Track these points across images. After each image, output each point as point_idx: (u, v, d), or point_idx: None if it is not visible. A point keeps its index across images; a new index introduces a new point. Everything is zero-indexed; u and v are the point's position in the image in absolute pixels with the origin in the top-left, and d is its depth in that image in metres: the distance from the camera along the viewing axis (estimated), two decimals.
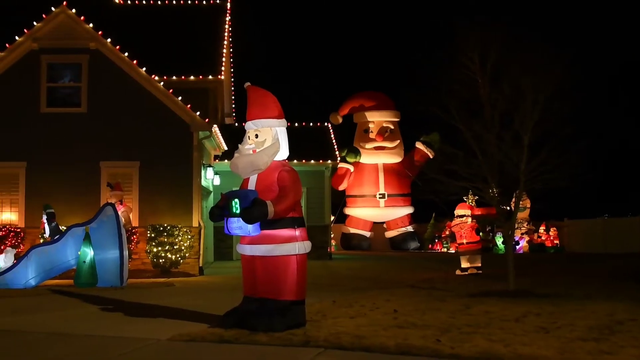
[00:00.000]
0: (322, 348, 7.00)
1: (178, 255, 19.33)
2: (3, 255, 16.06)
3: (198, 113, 20.30)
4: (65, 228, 16.49)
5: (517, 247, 34.41)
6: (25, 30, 20.66)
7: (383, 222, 37.53)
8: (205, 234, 21.35)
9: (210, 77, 24.22)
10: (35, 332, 8.39)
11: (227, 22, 27.37)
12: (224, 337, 7.51)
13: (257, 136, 8.21)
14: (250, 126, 8.29)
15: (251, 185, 8.14)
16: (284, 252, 7.93)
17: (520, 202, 14.15)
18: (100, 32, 20.62)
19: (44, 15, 20.71)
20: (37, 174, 20.46)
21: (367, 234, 37.75)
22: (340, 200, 36.45)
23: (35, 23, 20.66)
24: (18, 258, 15.92)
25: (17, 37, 20.64)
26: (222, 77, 24.86)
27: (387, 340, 7.19)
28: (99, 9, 24.71)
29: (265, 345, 7.21)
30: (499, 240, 34.28)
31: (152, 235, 19.29)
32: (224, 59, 25.46)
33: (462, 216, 18.62)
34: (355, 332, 7.69)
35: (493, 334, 7.62)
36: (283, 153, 8.26)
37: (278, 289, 7.96)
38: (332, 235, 30.56)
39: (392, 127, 37.47)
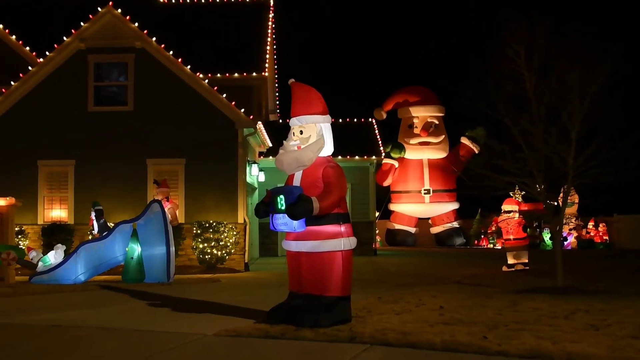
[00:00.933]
0: (367, 344, 6.98)
1: (224, 252, 19.48)
2: (53, 251, 16.34)
3: (242, 110, 20.42)
4: (113, 225, 16.72)
5: (565, 243, 33.88)
6: (72, 31, 21.01)
7: (428, 218, 37.40)
8: (250, 230, 21.47)
9: (254, 74, 24.33)
10: (86, 326, 8.53)
11: (270, 19, 27.46)
12: (270, 333, 7.54)
13: (301, 132, 8.21)
14: (294, 122, 8.30)
15: (296, 182, 8.15)
16: (330, 248, 7.93)
17: (568, 198, 13.91)
18: (145, 31, 20.87)
19: (90, 16, 21.03)
20: (85, 172, 20.82)
21: (412, 230, 37.74)
22: (384, 196, 36.45)
23: (82, 23, 20.99)
24: (68, 254, 16.19)
25: (64, 38, 21.01)
26: (266, 74, 24.95)
27: (433, 336, 7.14)
28: (144, 8, 24.98)
29: (311, 341, 7.22)
30: (547, 236, 33.79)
31: (198, 231, 19.48)
32: (267, 56, 25.55)
33: (509, 212, 18.39)
34: (401, 329, 7.65)
35: (541, 331, 7.52)
36: (328, 149, 8.25)
37: (324, 285, 7.96)
38: (376, 232, 30.47)
39: (436, 122, 37.37)
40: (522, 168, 13.28)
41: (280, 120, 31.23)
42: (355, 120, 30.14)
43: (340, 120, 28.89)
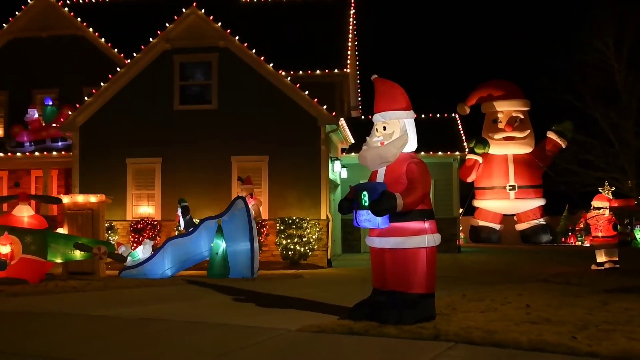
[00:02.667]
0: (452, 342, 6.88)
1: (307, 248, 19.59)
2: (141, 246, 16.79)
3: (325, 107, 20.48)
4: (198, 221, 17.04)
5: None
6: (158, 32, 21.53)
7: (513, 215, 36.68)
8: (333, 227, 21.54)
9: (336, 70, 24.39)
10: (173, 320, 8.72)
11: (351, 15, 27.46)
12: (354, 329, 7.53)
13: (385, 128, 8.16)
14: (378, 118, 8.25)
15: (380, 178, 8.11)
16: (414, 245, 7.86)
17: None
18: (228, 31, 21.18)
19: (175, 17, 21.49)
20: (171, 169, 21.32)
21: (497, 226, 37.10)
22: (468, 192, 35.97)
23: (167, 24, 21.48)
24: (155, 249, 16.61)
25: (151, 39, 21.54)
26: (348, 71, 24.97)
27: (519, 335, 6.98)
28: (226, 7, 25.36)
29: (394, 338, 7.17)
30: (638, 234, 32.64)
31: (282, 227, 19.65)
32: (349, 52, 25.56)
33: (599, 208, 17.79)
34: (486, 327, 7.52)
35: (634, 332, 7.24)
36: (411, 145, 8.17)
37: (408, 282, 7.90)
38: (460, 228, 30.09)
39: (521, 116, 36.64)
40: (613, 163, 12.88)
41: (363, 117, 31.19)
42: (438, 115, 29.83)
43: (423, 115, 28.64)
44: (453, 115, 30.43)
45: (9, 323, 9.01)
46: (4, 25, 26.52)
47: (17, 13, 26.43)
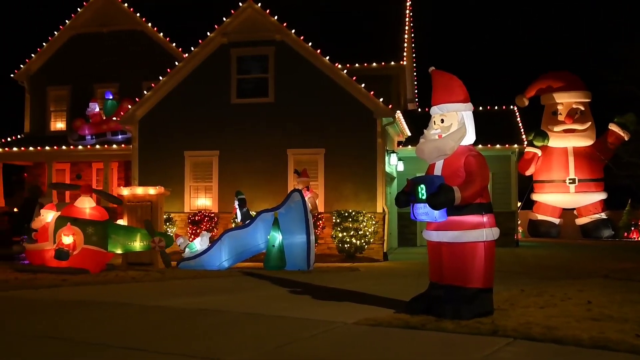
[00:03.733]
0: (510, 338, 6.79)
1: (363, 241, 19.55)
2: (199, 238, 17.00)
3: (381, 99, 20.37)
4: (255, 213, 17.16)
5: None
6: (215, 26, 21.71)
7: (573, 209, 35.91)
8: (389, 220, 21.44)
9: (392, 63, 24.23)
10: (231, 311, 8.82)
11: (407, 7, 27.24)
12: (410, 323, 7.49)
13: (442, 121, 8.09)
14: (435, 111, 8.18)
15: (437, 171, 8.04)
16: (472, 239, 7.77)
17: None
18: (284, 24, 21.23)
19: (232, 11, 21.64)
20: (228, 162, 21.50)
21: (556, 220, 36.39)
22: (527, 186, 35.34)
23: (224, 19, 21.64)
24: (212, 241, 16.79)
25: (208, 33, 21.74)
26: (404, 63, 24.79)
27: (580, 332, 6.84)
28: (282, 0, 25.41)
29: (451, 332, 7.12)
30: None
31: (338, 220, 19.64)
32: (405, 44, 25.37)
33: None
34: (545, 323, 7.39)
35: None
36: (469, 138, 8.08)
37: (465, 276, 7.82)
38: (518, 222, 29.62)
39: (582, 108, 35.81)
40: None
41: (419, 109, 30.96)
42: (496, 107, 29.41)
43: (481, 108, 28.26)
44: (512, 107, 29.96)
45: (73, 312, 9.24)
46: (67, 21, 27.15)
47: (78, 9, 27.02)
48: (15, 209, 25.50)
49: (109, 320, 8.47)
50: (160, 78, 21.99)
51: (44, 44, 27.45)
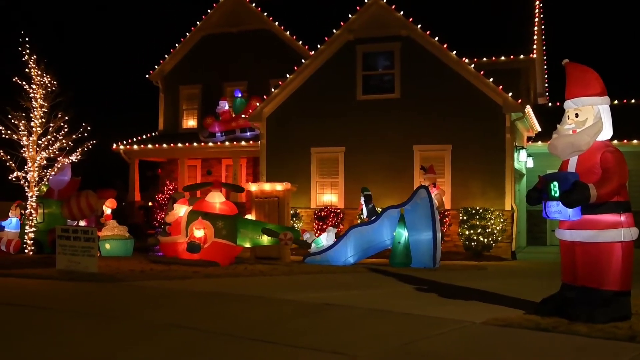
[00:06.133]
0: None
1: (490, 239, 19.15)
2: (325, 233, 17.16)
3: (510, 94, 19.85)
4: (380, 209, 17.14)
5: None
6: (341, 23, 21.83)
7: None
8: (517, 218, 20.89)
9: (521, 56, 23.54)
10: (357, 307, 8.84)
11: None
12: (541, 325, 7.24)
13: (577, 115, 7.76)
14: (569, 105, 7.86)
15: (571, 168, 7.73)
16: (608, 239, 7.42)
17: None
18: (410, 19, 21.06)
19: (357, 7, 21.69)
20: (354, 158, 21.59)
21: None
22: None
23: (349, 15, 21.72)
24: (338, 237, 16.91)
25: (334, 30, 21.89)
26: (534, 56, 24.01)
27: None
28: None
29: (584, 336, 6.83)
30: None
31: (464, 218, 19.33)
32: (535, 36, 24.58)
33: None
34: None
35: None
36: (606, 133, 7.71)
37: (600, 278, 7.48)
38: None
39: None
40: None
41: (550, 104, 29.93)
42: (633, 101, 28.01)
43: (617, 101, 26.99)
44: None
45: (204, 302, 9.56)
46: (197, 23, 28.11)
47: (209, 11, 27.91)
48: (150, 203, 26.72)
49: (237, 312, 8.70)
50: (288, 76, 22.36)
51: (177, 45, 28.56)
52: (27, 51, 17.02)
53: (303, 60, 22.74)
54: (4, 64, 18.35)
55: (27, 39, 17.10)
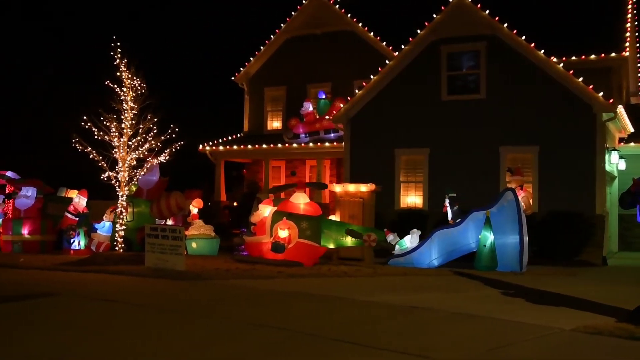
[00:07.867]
0: None
1: (579, 244, 18.58)
2: (409, 235, 17.04)
3: (601, 94, 19.23)
4: (466, 212, 16.90)
5: None
6: (425, 23, 21.63)
7: None
8: (608, 222, 20.21)
9: (613, 54, 22.78)
10: (442, 310, 8.77)
11: None
12: (635, 334, 7.01)
13: None
14: None
15: None
16: None
17: None
18: (496, 18, 20.68)
19: (442, 7, 21.44)
20: (438, 160, 21.34)
21: None
22: None
23: (434, 15, 21.50)
24: (422, 239, 16.78)
25: (418, 31, 21.71)
26: (627, 54, 23.21)
27: None
28: None
29: None
30: None
31: (553, 221, 18.81)
32: (628, 34, 23.77)
33: None
34: None
35: None
36: None
37: None
38: None
39: None
40: None
41: None
42: None
43: None
44: None
45: (288, 302, 9.66)
46: (282, 25, 28.40)
47: (292, 14, 28.16)
48: (235, 204, 27.14)
49: (322, 312, 8.74)
50: (371, 77, 22.29)
51: (261, 48, 28.91)
52: (119, 55, 17.54)
53: (387, 61, 22.63)
54: (97, 68, 18.89)
55: (118, 43, 17.63)
